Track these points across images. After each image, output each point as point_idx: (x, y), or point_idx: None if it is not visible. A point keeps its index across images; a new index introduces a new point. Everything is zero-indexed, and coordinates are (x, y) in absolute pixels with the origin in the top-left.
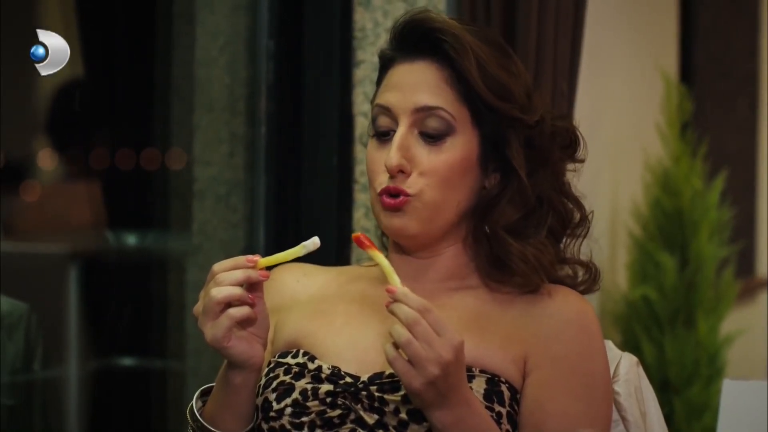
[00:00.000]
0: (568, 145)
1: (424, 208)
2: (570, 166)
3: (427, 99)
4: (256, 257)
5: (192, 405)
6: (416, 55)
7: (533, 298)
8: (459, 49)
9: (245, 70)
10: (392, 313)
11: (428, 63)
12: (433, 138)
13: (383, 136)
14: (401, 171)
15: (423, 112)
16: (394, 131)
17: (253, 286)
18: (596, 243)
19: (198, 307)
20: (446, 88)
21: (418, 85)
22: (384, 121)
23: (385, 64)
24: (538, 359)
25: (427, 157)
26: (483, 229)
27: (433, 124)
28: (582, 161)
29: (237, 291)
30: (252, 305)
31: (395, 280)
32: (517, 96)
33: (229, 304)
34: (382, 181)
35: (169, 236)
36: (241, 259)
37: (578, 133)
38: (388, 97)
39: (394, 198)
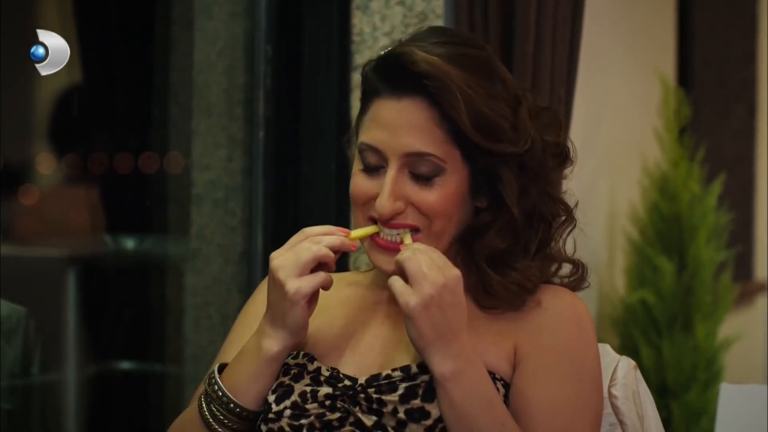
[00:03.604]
0: (559, 154)
1: (433, 236)
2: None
3: (416, 144)
4: (347, 230)
5: (214, 370)
6: (402, 91)
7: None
8: (446, 91)
9: (243, 75)
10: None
11: (415, 102)
12: (423, 178)
13: (372, 170)
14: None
15: (413, 156)
16: (383, 167)
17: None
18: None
19: (282, 261)
20: (435, 130)
21: (406, 127)
22: (373, 159)
23: (370, 92)
24: (526, 350)
25: (419, 196)
26: (468, 254)
27: (423, 168)
28: (572, 164)
29: (332, 254)
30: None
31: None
32: (507, 131)
33: (319, 264)
34: (370, 210)
35: (168, 240)
36: (333, 227)
37: (569, 145)
38: (376, 136)
39: (391, 246)
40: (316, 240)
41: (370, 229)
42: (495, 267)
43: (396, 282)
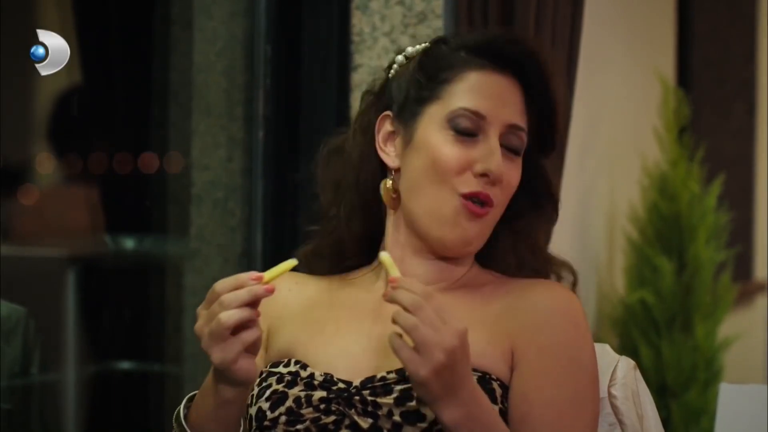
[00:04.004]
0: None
1: (493, 221)
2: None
3: (518, 118)
4: (260, 274)
5: (179, 411)
6: (505, 68)
7: (518, 291)
8: (552, 76)
9: (243, 75)
10: (394, 300)
11: (515, 81)
12: (512, 152)
13: (465, 136)
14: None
15: (511, 128)
16: (476, 136)
17: (253, 303)
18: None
19: (200, 327)
20: (526, 111)
21: (509, 100)
22: (471, 124)
23: (462, 64)
24: (525, 351)
25: (507, 170)
26: (514, 245)
27: (514, 141)
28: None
29: (246, 313)
30: (256, 324)
31: (396, 272)
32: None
33: (236, 327)
34: (467, 181)
35: (167, 240)
36: (243, 277)
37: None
38: (481, 104)
39: (482, 206)
40: (226, 303)
41: (285, 266)
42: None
43: (402, 349)
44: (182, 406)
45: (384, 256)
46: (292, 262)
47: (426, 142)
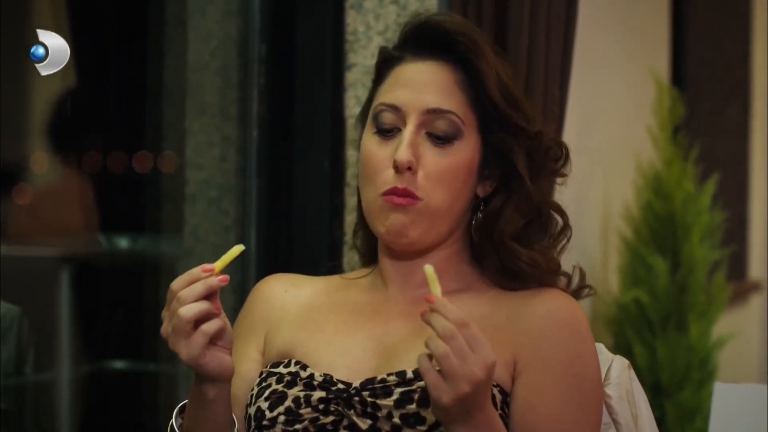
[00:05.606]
0: (559, 158)
1: (429, 215)
2: (558, 180)
3: (439, 101)
4: (211, 265)
5: (172, 423)
6: (427, 55)
7: (522, 300)
8: (477, 52)
9: (237, 74)
10: (428, 323)
11: (440, 64)
12: (440, 140)
13: (387, 133)
14: (409, 168)
15: (433, 114)
16: (399, 129)
17: (212, 295)
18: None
19: (166, 328)
20: (457, 91)
21: (429, 85)
22: (390, 119)
23: (389, 61)
24: (528, 361)
25: (433, 159)
26: (490, 240)
27: (442, 126)
28: (566, 175)
29: (204, 306)
30: (217, 315)
31: (437, 290)
32: (524, 106)
33: (198, 320)
34: (387, 179)
35: (161, 239)
36: (196, 271)
37: (567, 148)
38: (397, 95)
39: (402, 198)
40: (183, 298)
41: (233, 252)
42: (521, 246)
43: (428, 373)
44: (174, 417)
45: (428, 269)
46: (239, 248)
47: (361, 146)
